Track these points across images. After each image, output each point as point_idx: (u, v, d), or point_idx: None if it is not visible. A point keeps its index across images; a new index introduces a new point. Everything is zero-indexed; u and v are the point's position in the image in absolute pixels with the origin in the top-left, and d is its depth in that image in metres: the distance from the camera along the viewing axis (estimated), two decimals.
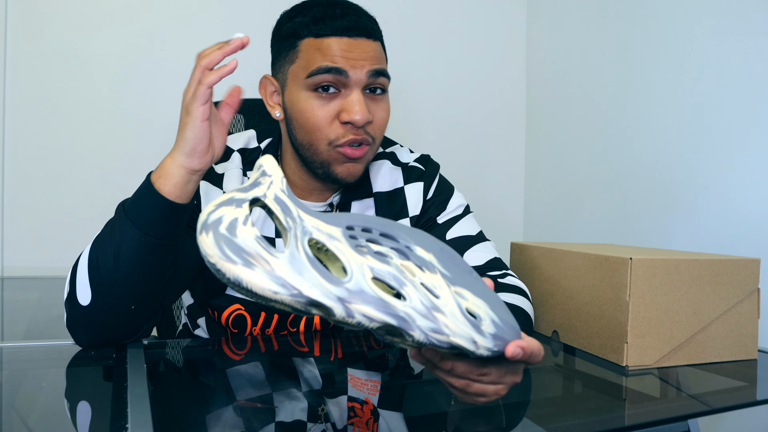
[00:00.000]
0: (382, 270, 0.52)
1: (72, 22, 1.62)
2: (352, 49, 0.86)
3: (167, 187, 0.74)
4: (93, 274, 0.75)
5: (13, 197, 1.59)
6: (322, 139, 0.88)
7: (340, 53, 0.86)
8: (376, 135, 0.91)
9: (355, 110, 0.85)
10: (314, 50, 0.87)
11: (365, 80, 0.87)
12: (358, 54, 0.86)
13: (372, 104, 0.89)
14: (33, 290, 1.43)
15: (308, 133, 0.89)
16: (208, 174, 0.93)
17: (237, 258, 0.46)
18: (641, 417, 0.71)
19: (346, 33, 0.86)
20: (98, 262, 0.75)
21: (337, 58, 0.85)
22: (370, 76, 0.87)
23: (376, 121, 0.89)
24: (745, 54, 1.28)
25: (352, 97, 0.86)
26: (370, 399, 0.70)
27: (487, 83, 2.06)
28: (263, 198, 0.52)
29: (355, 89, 0.87)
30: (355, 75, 0.86)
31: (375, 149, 0.93)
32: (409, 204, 0.99)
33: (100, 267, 0.75)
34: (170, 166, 0.75)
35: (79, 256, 0.78)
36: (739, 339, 0.91)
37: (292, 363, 0.86)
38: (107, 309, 0.76)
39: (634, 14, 1.60)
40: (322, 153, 0.89)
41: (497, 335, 0.54)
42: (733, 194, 1.30)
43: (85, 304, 0.75)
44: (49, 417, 0.62)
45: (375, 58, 0.88)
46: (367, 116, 0.86)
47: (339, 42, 0.86)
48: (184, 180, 0.75)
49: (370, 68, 0.86)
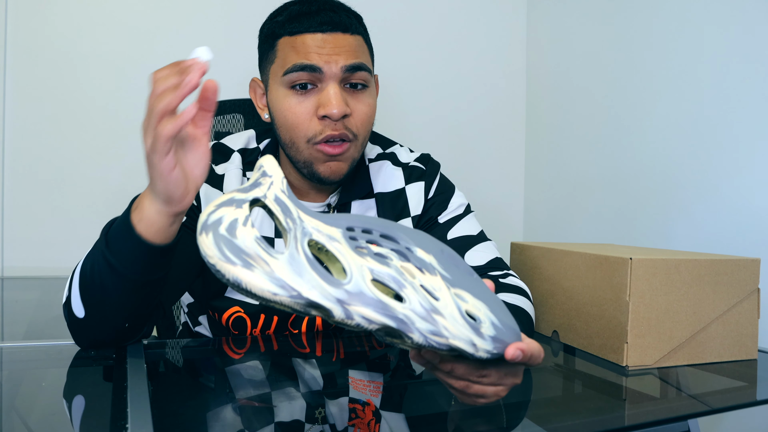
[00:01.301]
0: (381, 272, 0.52)
1: (72, 21, 1.62)
2: (325, 45, 0.85)
3: (149, 233, 0.67)
4: (84, 294, 0.72)
5: (13, 197, 1.59)
6: (302, 136, 0.88)
7: (314, 49, 0.85)
8: (359, 131, 0.89)
9: (331, 103, 0.84)
10: (289, 48, 0.87)
11: (340, 74, 0.86)
12: (331, 49, 0.85)
13: (351, 99, 0.88)
14: (33, 290, 1.43)
15: (288, 131, 0.89)
16: (208, 176, 0.92)
17: (236, 259, 0.46)
18: (641, 417, 0.71)
19: (320, 28, 0.85)
20: (88, 285, 0.71)
21: (310, 54, 0.85)
22: (346, 71, 0.86)
23: (356, 115, 0.88)
24: (746, 53, 1.28)
25: (327, 91, 0.85)
26: (372, 400, 0.70)
27: (487, 82, 2.06)
28: (263, 199, 0.52)
29: (331, 83, 0.86)
30: (329, 70, 0.85)
31: (359, 147, 0.91)
32: (410, 204, 0.99)
33: (89, 289, 0.71)
34: (149, 212, 0.67)
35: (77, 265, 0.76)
36: (739, 339, 0.91)
37: (293, 363, 0.86)
38: (101, 325, 0.74)
39: (634, 14, 1.60)
40: (303, 151, 0.89)
41: (497, 338, 0.54)
42: (733, 194, 1.30)
43: (79, 316, 0.74)
44: (49, 417, 0.62)
45: (350, 52, 0.86)
46: (343, 109, 0.85)
47: (313, 38, 0.85)
48: (167, 223, 0.68)
49: (345, 63, 0.86)
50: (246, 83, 1.69)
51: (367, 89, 0.90)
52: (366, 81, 0.89)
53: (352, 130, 0.88)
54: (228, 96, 1.41)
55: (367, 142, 0.93)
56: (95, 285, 0.71)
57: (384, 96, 1.88)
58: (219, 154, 0.96)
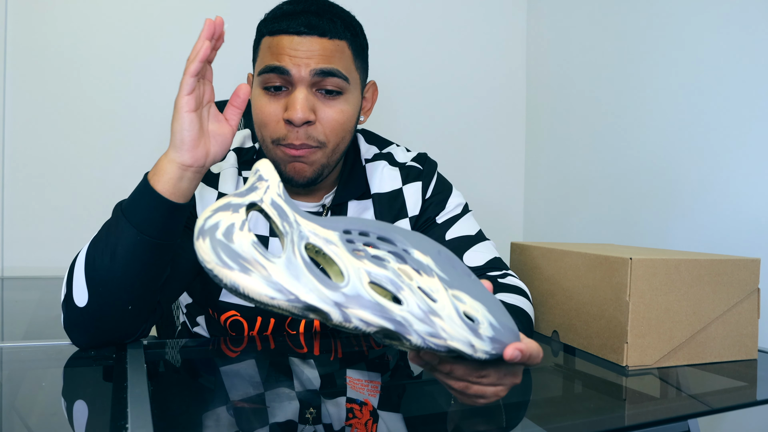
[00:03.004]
0: (379, 274, 0.52)
1: (72, 22, 1.62)
2: (299, 47, 0.84)
3: (160, 184, 0.73)
4: (90, 275, 0.74)
5: (13, 197, 1.59)
6: (268, 136, 0.88)
7: (286, 51, 0.85)
8: (328, 138, 0.87)
9: (295, 108, 0.84)
10: (266, 48, 0.87)
11: (309, 79, 0.85)
12: (303, 52, 0.84)
13: (321, 104, 0.86)
14: (33, 290, 1.43)
15: (259, 129, 0.89)
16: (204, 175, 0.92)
17: (234, 264, 0.47)
18: (641, 417, 0.71)
19: (296, 30, 0.85)
20: (95, 262, 0.74)
21: (282, 56, 0.84)
22: (315, 75, 0.85)
23: (324, 122, 0.86)
24: (745, 53, 1.28)
25: (293, 95, 0.85)
26: (370, 400, 0.70)
27: (487, 82, 2.06)
28: (260, 203, 0.52)
29: (300, 87, 0.85)
30: (297, 73, 0.84)
31: (329, 153, 0.89)
32: (408, 204, 0.99)
33: (97, 267, 0.74)
34: (163, 162, 0.74)
35: (75, 258, 0.78)
36: (739, 339, 0.91)
37: (291, 363, 0.86)
38: (104, 310, 0.76)
39: (634, 14, 1.60)
40: (270, 151, 0.89)
41: (495, 338, 0.54)
42: (733, 194, 1.30)
43: (81, 305, 0.75)
44: (49, 417, 0.62)
45: (323, 57, 0.85)
46: (306, 115, 0.84)
47: (289, 40, 0.85)
48: (177, 176, 0.74)
49: (315, 67, 0.84)
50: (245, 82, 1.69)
51: (341, 96, 0.87)
52: (340, 87, 0.87)
53: (317, 137, 0.87)
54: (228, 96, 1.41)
55: (344, 147, 0.91)
56: (104, 260, 0.74)
57: (383, 96, 1.88)
58: None
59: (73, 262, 0.78)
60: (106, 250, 0.74)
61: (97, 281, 0.74)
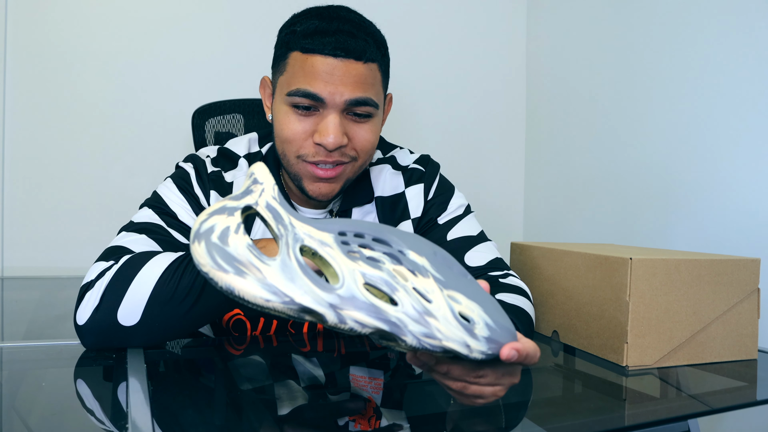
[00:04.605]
0: (373, 275, 0.52)
1: (72, 22, 1.62)
2: (334, 72, 0.83)
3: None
4: (154, 309, 0.74)
5: (13, 197, 1.59)
6: (293, 151, 0.88)
7: (322, 76, 0.83)
8: (359, 154, 0.89)
9: (328, 134, 0.84)
10: (299, 67, 0.85)
11: (343, 106, 0.84)
12: (339, 78, 0.83)
13: (352, 126, 0.87)
14: (33, 290, 1.43)
15: (282, 143, 0.89)
16: (218, 184, 0.92)
17: (228, 267, 0.47)
18: (641, 417, 0.71)
19: (332, 53, 0.82)
20: (168, 303, 0.74)
21: (316, 82, 0.83)
22: (349, 104, 0.84)
23: (356, 141, 0.87)
24: (745, 53, 1.28)
25: (327, 120, 0.84)
26: (373, 397, 0.70)
27: (487, 83, 2.06)
28: (255, 206, 0.52)
29: (332, 112, 0.84)
30: (332, 100, 0.83)
31: (358, 167, 0.90)
32: (410, 206, 0.99)
33: (167, 307, 0.74)
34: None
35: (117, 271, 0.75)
36: (739, 339, 0.91)
37: (293, 362, 0.86)
38: (148, 336, 0.76)
39: (634, 14, 1.60)
40: (292, 165, 0.89)
41: (491, 338, 0.54)
42: (733, 194, 1.30)
43: (126, 324, 0.74)
44: (49, 417, 0.62)
45: (357, 85, 0.84)
46: (339, 141, 0.84)
47: (323, 62, 0.83)
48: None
49: (350, 96, 0.83)
50: (246, 83, 1.69)
51: (371, 118, 0.88)
52: (370, 113, 0.87)
53: (349, 154, 0.88)
54: (228, 96, 1.41)
55: (370, 159, 0.93)
56: (182, 306, 0.74)
57: None
58: (227, 160, 0.96)
59: (123, 277, 0.75)
60: (187, 299, 0.73)
61: (162, 317, 0.74)
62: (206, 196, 0.91)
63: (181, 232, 0.87)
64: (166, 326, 0.75)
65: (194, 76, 1.70)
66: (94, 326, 0.75)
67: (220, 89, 1.67)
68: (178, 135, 1.66)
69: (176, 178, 0.92)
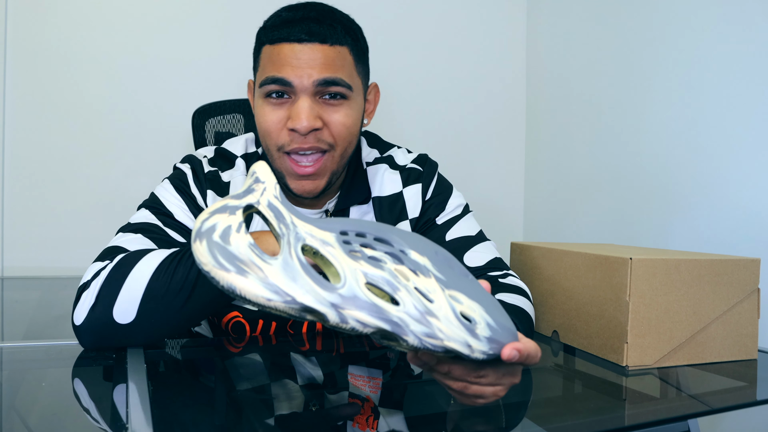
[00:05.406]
0: (375, 275, 0.52)
1: (72, 22, 1.62)
2: (300, 56, 0.84)
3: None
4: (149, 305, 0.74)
5: (13, 197, 1.59)
6: (273, 144, 0.88)
7: (288, 61, 0.84)
8: (337, 141, 0.88)
9: (299, 117, 0.84)
10: (267, 58, 0.86)
11: (312, 88, 0.85)
12: (305, 61, 0.84)
13: (326, 110, 0.87)
14: (33, 290, 1.43)
15: (263, 138, 0.89)
16: (215, 183, 0.92)
17: (230, 266, 0.47)
18: (641, 417, 0.71)
19: (297, 38, 0.84)
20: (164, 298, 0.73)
21: (284, 67, 0.84)
22: (318, 85, 0.84)
23: (332, 126, 0.87)
24: (745, 53, 1.28)
25: (298, 104, 0.85)
26: (371, 397, 0.70)
27: (487, 83, 2.06)
28: (257, 205, 0.52)
29: (303, 96, 0.85)
30: (300, 83, 0.84)
31: (338, 157, 0.89)
32: (408, 206, 0.99)
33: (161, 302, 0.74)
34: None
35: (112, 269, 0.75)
36: (739, 339, 0.91)
37: (293, 362, 0.86)
38: (145, 333, 0.76)
39: (634, 14, 1.60)
40: (275, 160, 0.89)
41: (492, 338, 0.54)
42: (733, 194, 1.30)
43: (122, 322, 0.74)
44: (49, 417, 0.62)
45: (325, 66, 0.84)
46: (311, 123, 0.84)
47: (290, 49, 0.84)
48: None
49: (318, 77, 0.84)
50: (245, 84, 1.69)
51: (345, 100, 0.88)
52: (343, 93, 0.87)
53: (326, 140, 0.87)
54: (228, 96, 1.41)
55: (351, 151, 0.92)
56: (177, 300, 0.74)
57: (384, 97, 1.87)
58: (224, 160, 0.96)
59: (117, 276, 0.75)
60: (181, 293, 0.73)
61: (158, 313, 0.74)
62: (203, 195, 0.91)
63: (178, 232, 0.87)
64: (162, 322, 0.75)
65: (194, 76, 1.70)
66: (91, 325, 0.75)
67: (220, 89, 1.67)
68: (178, 135, 1.66)
69: (173, 178, 0.93)
